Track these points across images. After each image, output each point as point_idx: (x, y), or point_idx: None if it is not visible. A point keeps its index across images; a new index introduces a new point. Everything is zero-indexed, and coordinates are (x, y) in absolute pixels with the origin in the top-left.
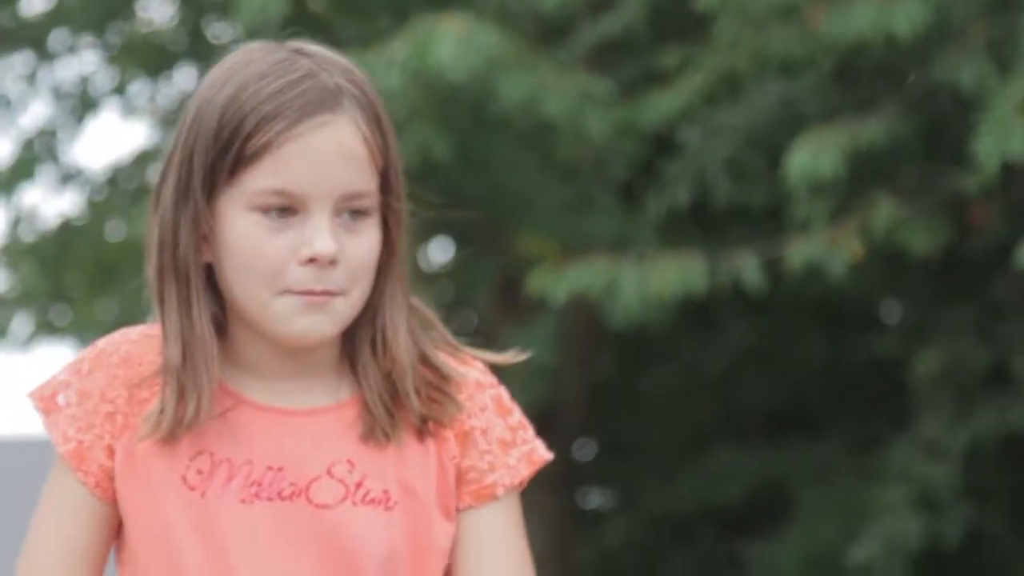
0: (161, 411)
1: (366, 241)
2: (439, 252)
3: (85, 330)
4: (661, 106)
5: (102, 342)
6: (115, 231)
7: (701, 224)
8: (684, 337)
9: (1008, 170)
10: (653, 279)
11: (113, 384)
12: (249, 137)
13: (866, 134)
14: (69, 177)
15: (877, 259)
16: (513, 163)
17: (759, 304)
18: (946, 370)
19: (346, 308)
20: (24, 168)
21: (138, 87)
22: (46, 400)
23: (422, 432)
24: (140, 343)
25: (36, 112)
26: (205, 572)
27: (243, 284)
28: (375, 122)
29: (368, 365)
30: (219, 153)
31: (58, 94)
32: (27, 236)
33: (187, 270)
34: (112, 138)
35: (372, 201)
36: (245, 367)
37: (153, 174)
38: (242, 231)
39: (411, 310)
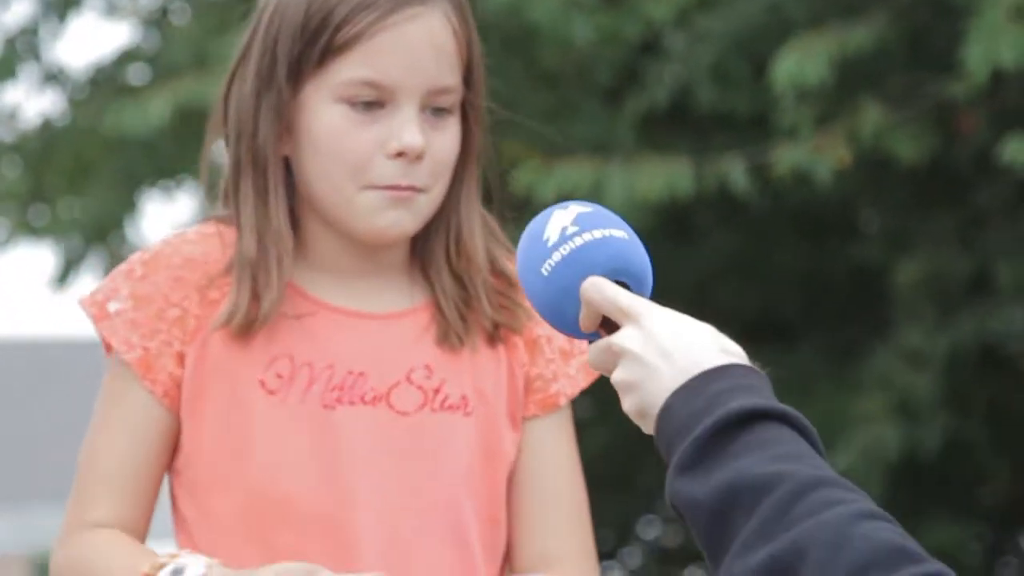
0: (235, 305)
1: (449, 137)
2: None
3: (64, 231)
4: (654, 12)
5: (156, 244)
6: (98, 131)
7: (684, 129)
8: (660, 245)
9: (996, 77)
10: (639, 181)
11: (178, 287)
12: (340, 27)
13: (853, 40)
14: (51, 76)
15: (860, 167)
16: (497, 68)
17: (737, 212)
18: (927, 278)
19: (427, 205)
20: (6, 67)
21: None
22: (98, 306)
23: (493, 338)
24: (199, 243)
25: (18, 10)
26: (284, 478)
27: (326, 177)
28: (463, 15)
29: (441, 267)
30: (307, 42)
31: None
32: (7, 136)
33: (265, 161)
34: (94, 37)
35: (456, 97)
36: (318, 266)
37: (134, 75)
38: (328, 122)
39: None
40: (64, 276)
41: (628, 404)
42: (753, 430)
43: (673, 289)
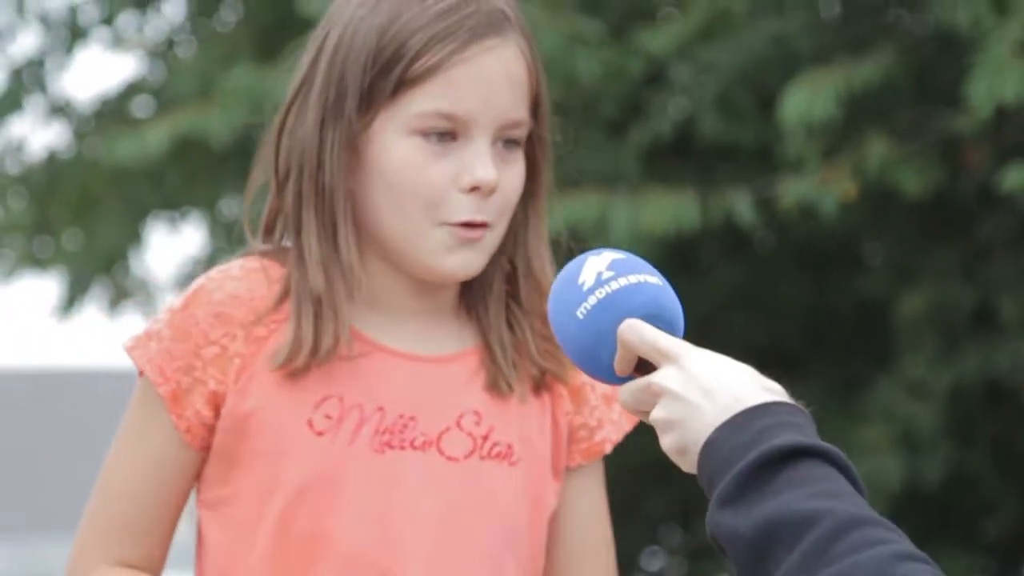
0: (298, 342)
1: (517, 172)
2: None
3: (68, 262)
4: (652, 44)
5: (200, 279)
6: (101, 163)
7: (689, 161)
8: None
9: (1000, 112)
10: (645, 214)
11: (218, 324)
12: (416, 58)
13: (860, 76)
14: (57, 109)
15: (865, 200)
16: None
17: (741, 245)
18: (931, 311)
19: (492, 241)
20: (12, 99)
21: (126, 18)
22: (136, 336)
23: (539, 386)
24: (244, 279)
25: (24, 43)
26: (328, 518)
27: (398, 211)
28: (532, 47)
29: (499, 308)
30: (378, 73)
31: (47, 24)
32: (13, 168)
33: (332, 194)
34: (100, 70)
35: (525, 130)
36: (371, 305)
37: (139, 107)
38: (401, 155)
39: None
40: (68, 306)
41: (668, 442)
42: (796, 466)
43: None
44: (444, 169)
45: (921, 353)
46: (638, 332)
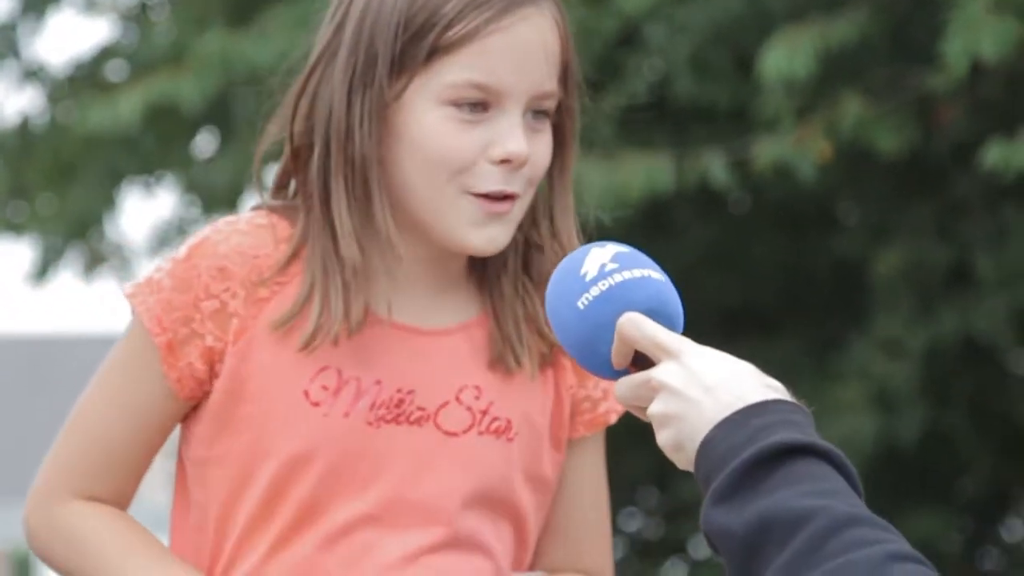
0: (324, 315)
1: (546, 143)
2: None
3: (43, 227)
4: (626, 5)
5: (206, 229)
6: (75, 128)
7: (663, 122)
8: (639, 238)
9: (975, 70)
10: (619, 176)
11: (220, 277)
12: (450, 25)
13: (836, 33)
14: (31, 73)
15: (840, 160)
16: None
17: (716, 207)
18: (906, 269)
19: (518, 213)
20: None
21: None
22: (136, 283)
23: (546, 359)
24: (251, 233)
25: None
26: (319, 489)
27: (424, 180)
28: (564, 18)
29: (511, 278)
30: (410, 40)
31: None
32: None
33: (364, 162)
34: (73, 34)
35: (555, 102)
36: (381, 275)
37: (113, 71)
38: (432, 124)
39: None
40: (43, 272)
41: (664, 437)
42: (792, 464)
43: None
44: (475, 139)
45: (897, 312)
46: (638, 326)
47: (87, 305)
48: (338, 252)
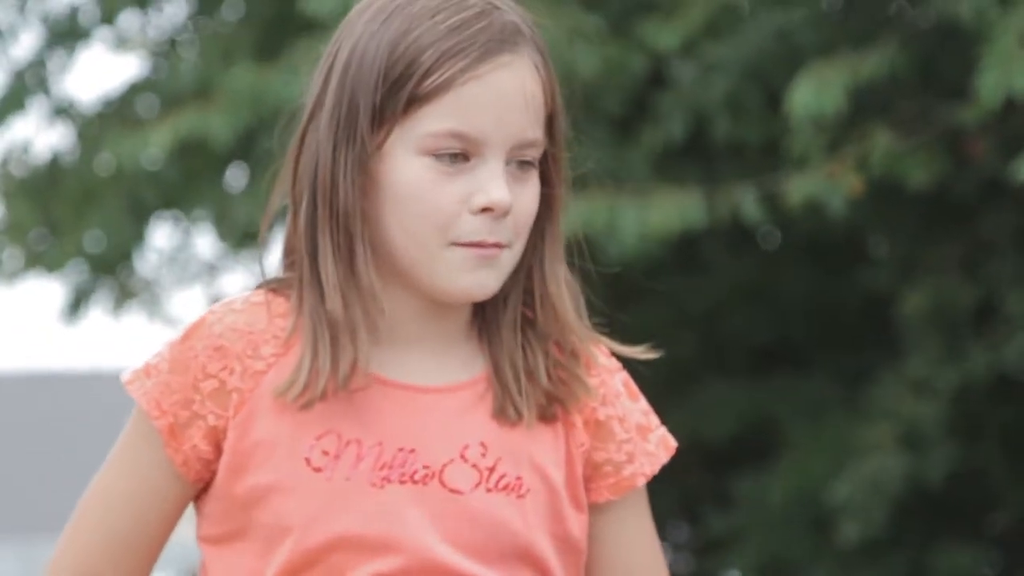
0: (312, 370)
1: (532, 192)
2: None
3: (72, 262)
4: (655, 40)
5: (203, 313)
6: (104, 164)
7: (696, 159)
8: (670, 274)
9: (1006, 104)
10: (652, 215)
11: (217, 357)
12: (427, 75)
13: (866, 68)
14: (60, 110)
15: (870, 194)
16: None
17: (746, 241)
18: (934, 307)
19: (509, 262)
20: (14, 100)
21: (127, 18)
22: (135, 369)
23: (547, 415)
24: (245, 312)
25: (26, 43)
26: (336, 558)
27: (408, 233)
28: (547, 62)
29: (510, 331)
30: (389, 91)
31: (48, 24)
32: (17, 170)
33: (347, 217)
34: (102, 70)
35: (540, 150)
36: (381, 333)
37: (143, 107)
38: (412, 176)
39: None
40: (75, 308)
41: None
42: None
43: (685, 319)
44: (456, 190)
45: (925, 351)
46: None
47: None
48: (325, 307)
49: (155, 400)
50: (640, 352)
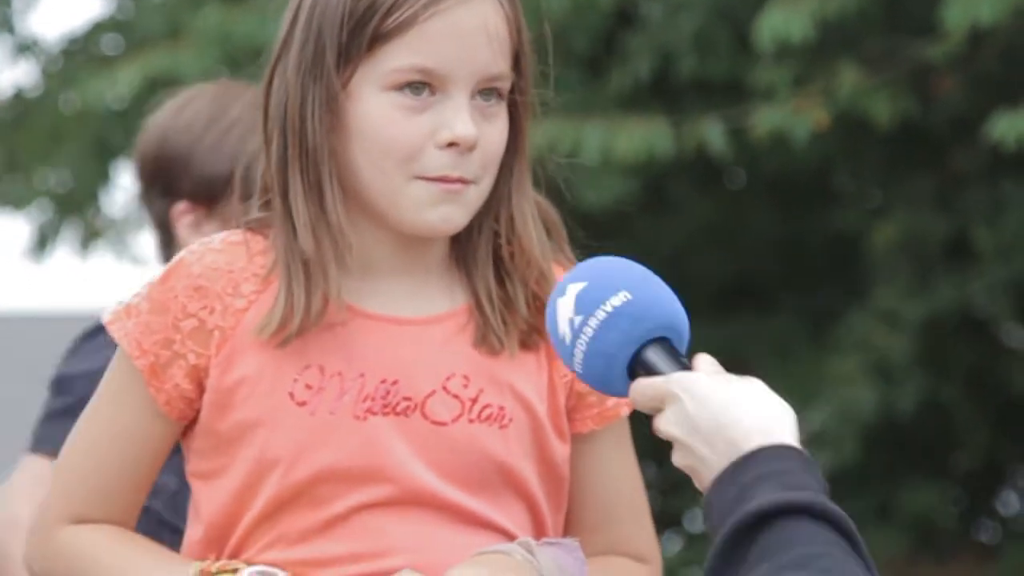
0: (288, 306)
1: (499, 127)
2: None
3: (38, 201)
4: None
5: (181, 252)
6: (70, 102)
7: (663, 95)
8: (637, 214)
9: (972, 41)
10: (619, 141)
11: (196, 296)
12: (390, 11)
13: (833, 3)
14: (24, 47)
15: (836, 131)
16: None
17: (711, 180)
18: (904, 241)
19: (476, 197)
20: None
21: None
22: (115, 310)
23: (527, 342)
24: (224, 251)
25: None
26: (320, 490)
27: (375, 167)
28: (513, 1)
29: (486, 263)
30: (354, 29)
31: None
32: None
33: (317, 154)
34: (67, 8)
35: (507, 84)
36: (354, 267)
37: (107, 45)
38: (377, 111)
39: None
40: (40, 248)
41: (698, 486)
42: (772, 530)
43: (651, 258)
44: (421, 124)
45: (894, 284)
46: (638, 392)
47: (83, 281)
48: (297, 244)
49: (136, 340)
50: None
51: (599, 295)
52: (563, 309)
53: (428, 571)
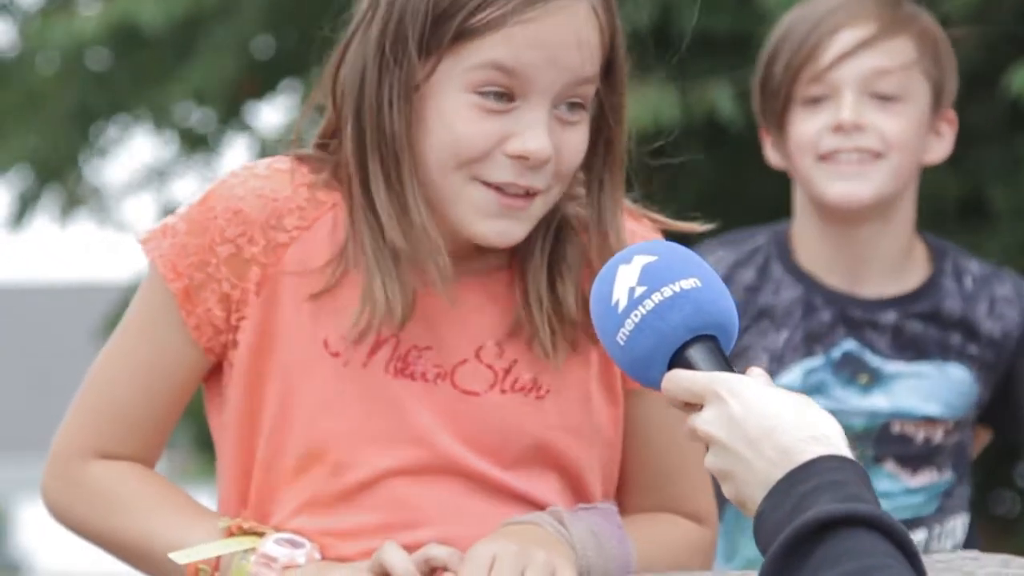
0: (370, 302)
1: (579, 135)
2: None
3: (16, 167)
4: None
5: (224, 175)
6: (47, 62)
7: (665, 52)
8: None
9: None
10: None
11: (236, 220)
12: (479, 8)
13: None
14: (1, 7)
15: None
16: None
17: (717, 141)
18: (918, 200)
19: (542, 208)
20: None
21: None
22: (153, 231)
23: (573, 344)
24: (270, 177)
25: None
26: (349, 445)
27: (439, 167)
28: (609, 8)
29: (536, 263)
30: (438, 20)
31: None
32: None
33: (395, 144)
34: None
35: (591, 92)
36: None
37: (86, 3)
38: (453, 109)
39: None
40: (20, 216)
41: (727, 492)
42: (832, 540)
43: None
44: (494, 128)
45: None
46: (675, 383)
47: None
48: (384, 238)
49: (171, 262)
50: (690, 226)
51: (669, 274)
52: (624, 275)
53: (457, 544)
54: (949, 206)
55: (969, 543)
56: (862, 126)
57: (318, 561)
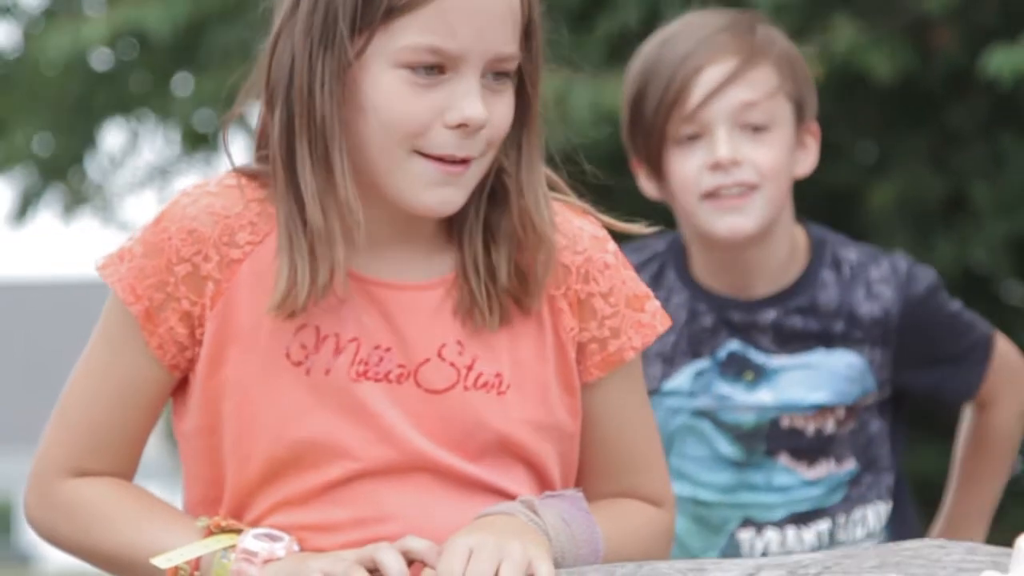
0: (290, 280)
1: (507, 104)
2: None
3: (21, 164)
4: None
5: (176, 195)
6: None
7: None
8: (626, 172)
9: None
10: (606, 94)
11: (190, 240)
12: None
13: None
14: (4, 9)
15: (833, 86)
16: None
17: None
18: (903, 199)
19: (477, 174)
20: None
21: None
22: (110, 256)
23: (517, 311)
24: (221, 195)
25: None
26: (314, 452)
27: (378, 143)
28: None
29: (472, 235)
30: (367, 1)
31: None
32: None
33: (325, 126)
34: None
35: (516, 63)
36: (355, 234)
37: (90, 5)
38: (387, 87)
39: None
40: (23, 212)
41: None
42: None
43: (646, 210)
44: (430, 103)
45: (893, 243)
46: None
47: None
48: (303, 217)
49: (129, 285)
50: (636, 227)
51: None
52: None
53: (431, 537)
54: (933, 205)
55: (899, 530)
56: (739, 161)
57: (297, 552)
